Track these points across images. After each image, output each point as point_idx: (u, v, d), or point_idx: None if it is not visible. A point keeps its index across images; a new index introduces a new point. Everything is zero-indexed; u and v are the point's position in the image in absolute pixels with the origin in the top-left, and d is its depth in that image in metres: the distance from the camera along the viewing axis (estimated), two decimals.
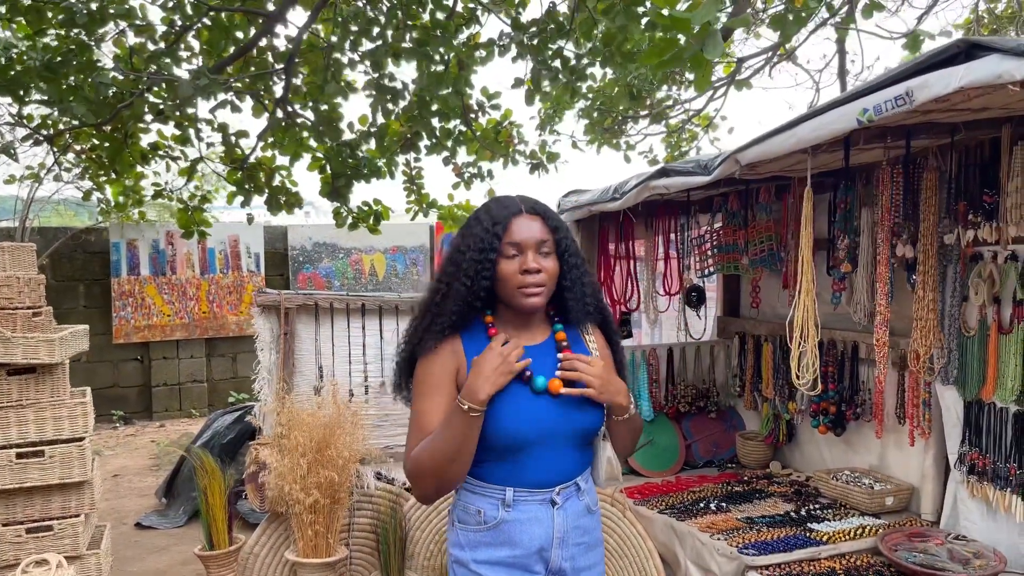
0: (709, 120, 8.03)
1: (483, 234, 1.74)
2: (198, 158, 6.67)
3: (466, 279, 1.73)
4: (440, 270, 1.82)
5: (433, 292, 1.80)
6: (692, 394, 3.97)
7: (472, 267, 1.73)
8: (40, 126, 6.37)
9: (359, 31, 5.94)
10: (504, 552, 1.76)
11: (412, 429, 1.74)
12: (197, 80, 5.15)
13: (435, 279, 1.83)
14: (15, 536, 3.16)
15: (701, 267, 3.91)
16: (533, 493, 1.75)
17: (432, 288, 1.81)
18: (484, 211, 1.80)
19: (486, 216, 1.77)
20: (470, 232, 1.78)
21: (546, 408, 1.73)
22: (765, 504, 3.22)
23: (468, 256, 1.74)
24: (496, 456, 1.73)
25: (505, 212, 1.75)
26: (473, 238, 1.75)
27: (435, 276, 1.83)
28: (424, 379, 1.76)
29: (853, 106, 1.93)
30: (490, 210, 1.79)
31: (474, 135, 6.47)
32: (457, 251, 1.78)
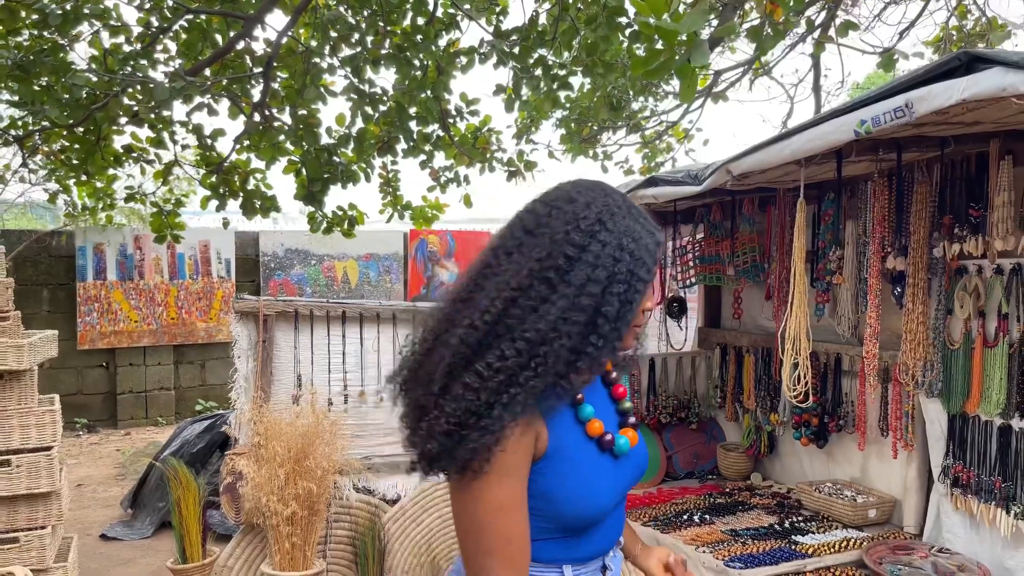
0: (685, 132, 8.07)
1: (648, 253, 1.29)
2: (173, 161, 6.55)
3: (629, 318, 1.27)
4: (586, 297, 1.22)
5: (584, 329, 1.22)
6: (673, 405, 3.96)
7: (636, 300, 1.27)
8: (9, 126, 6.22)
9: (339, 36, 5.89)
10: None
11: (502, 559, 1.22)
12: (174, 82, 5.07)
13: (571, 307, 1.21)
14: None
15: (683, 278, 3.91)
16: (588, 565, 1.44)
17: (575, 321, 1.21)
18: (634, 214, 1.31)
19: (644, 225, 1.31)
20: (627, 247, 1.26)
21: (623, 471, 1.43)
22: (748, 516, 3.21)
23: (636, 285, 1.26)
24: (558, 534, 1.37)
25: (653, 222, 1.34)
26: (635, 259, 1.26)
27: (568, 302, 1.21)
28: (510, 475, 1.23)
29: (851, 117, 1.93)
30: (640, 214, 1.32)
31: (452, 140, 6.43)
32: (617, 274, 1.24)
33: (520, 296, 1.22)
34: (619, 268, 1.24)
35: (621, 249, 1.25)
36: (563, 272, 1.22)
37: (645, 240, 1.28)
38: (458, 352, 1.22)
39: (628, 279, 1.24)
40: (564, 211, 1.27)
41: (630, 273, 1.25)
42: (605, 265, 1.23)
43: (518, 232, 1.29)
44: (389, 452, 3.81)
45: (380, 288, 9.99)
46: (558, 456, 1.30)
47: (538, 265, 1.22)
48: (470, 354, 1.21)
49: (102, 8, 5.87)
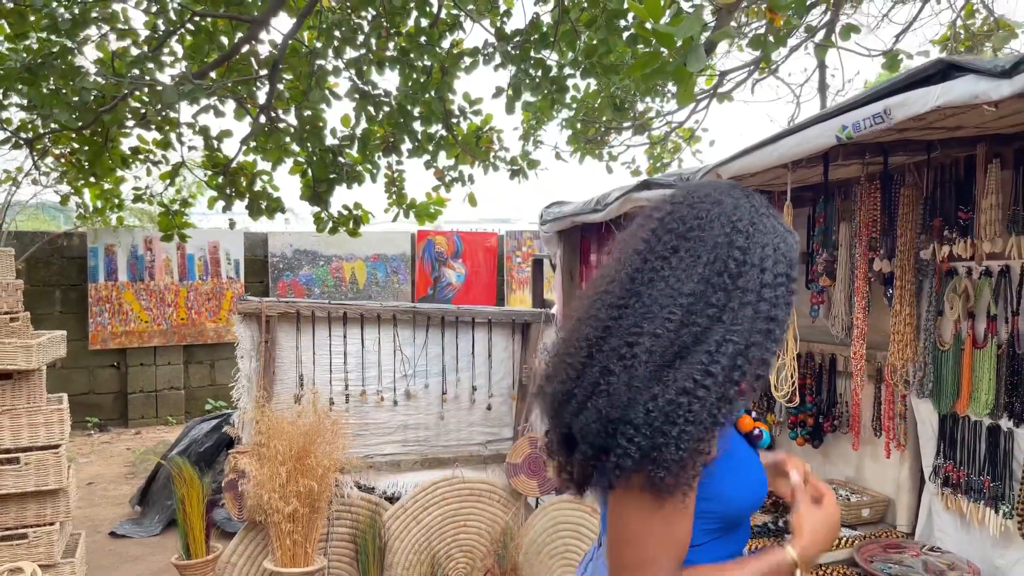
0: (691, 132, 8.10)
1: (796, 251, 1.29)
2: (180, 162, 6.64)
3: (788, 313, 1.26)
4: (766, 301, 1.21)
5: (767, 331, 1.22)
6: None
7: (793, 292, 1.27)
8: (19, 129, 6.31)
9: (343, 39, 5.95)
10: None
11: (667, 542, 1.20)
12: (180, 85, 5.13)
13: (757, 308, 1.21)
14: None
15: None
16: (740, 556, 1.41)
17: (761, 327, 1.21)
18: (782, 220, 1.31)
19: (789, 228, 1.31)
20: (782, 246, 1.26)
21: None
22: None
23: (792, 285, 1.26)
24: (721, 533, 1.34)
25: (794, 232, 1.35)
26: (789, 259, 1.26)
27: (753, 302, 1.21)
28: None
29: (833, 123, 1.96)
30: (784, 222, 1.32)
31: (455, 140, 6.49)
32: (787, 275, 1.25)
33: (696, 303, 1.19)
34: (779, 270, 1.24)
35: (776, 250, 1.24)
36: (735, 277, 1.20)
37: (790, 240, 1.28)
38: (642, 363, 1.17)
39: (786, 282, 1.24)
40: (715, 213, 1.24)
41: (786, 276, 1.25)
42: (768, 268, 1.22)
43: (665, 235, 1.25)
44: (389, 451, 3.86)
45: (388, 289, 10.06)
46: (727, 456, 1.28)
47: (708, 271, 1.20)
48: (656, 366, 1.17)
49: (110, 12, 5.96)
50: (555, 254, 3.99)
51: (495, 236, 10.62)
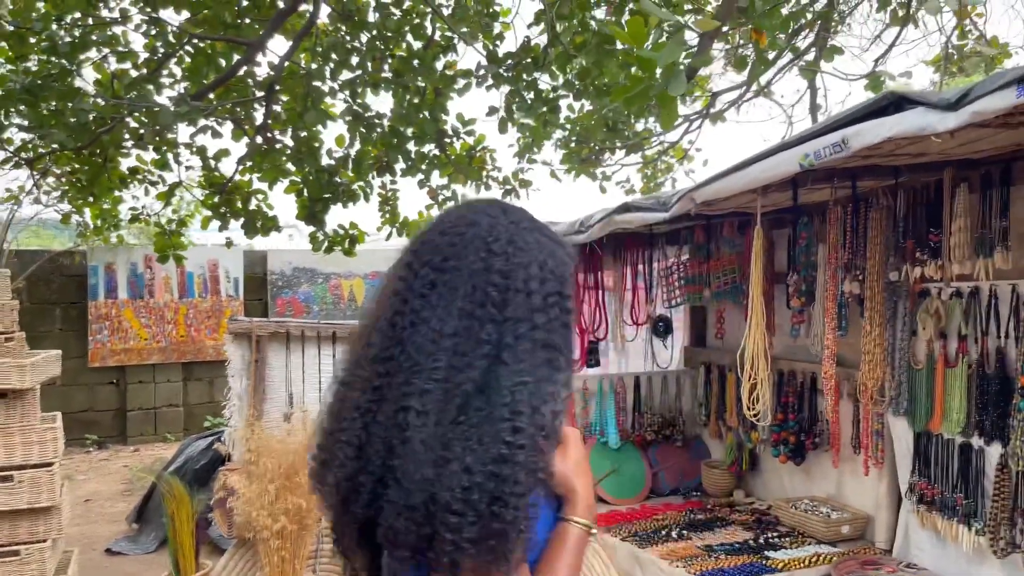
0: (684, 152, 8.17)
1: (569, 265, 1.19)
2: (177, 182, 6.72)
3: (568, 335, 1.16)
4: (520, 322, 1.08)
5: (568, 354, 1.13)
6: (659, 423, 4.04)
7: (569, 312, 1.16)
8: (20, 149, 6.40)
9: (338, 61, 6.05)
10: None
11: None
12: (178, 107, 5.22)
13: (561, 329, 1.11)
14: None
15: (669, 298, 4.01)
16: None
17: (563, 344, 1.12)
18: (549, 232, 1.20)
19: (560, 239, 1.21)
20: (548, 253, 1.15)
21: None
22: (725, 532, 3.28)
23: (566, 293, 1.15)
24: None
25: (568, 242, 1.25)
26: (562, 267, 1.17)
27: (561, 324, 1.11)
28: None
29: (796, 151, 2.03)
30: (554, 233, 1.22)
31: (448, 159, 6.57)
32: (544, 282, 1.12)
33: (462, 342, 1.05)
34: (548, 289, 1.11)
35: (542, 268, 1.12)
36: (500, 306, 1.06)
37: (560, 254, 1.17)
38: (422, 428, 1.00)
39: (558, 300, 1.12)
40: (469, 237, 1.12)
41: (558, 294, 1.12)
42: (536, 290, 1.10)
43: (422, 270, 1.11)
44: None
45: None
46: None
47: (468, 304, 1.06)
48: (433, 425, 1.00)
49: (109, 35, 6.06)
50: None
51: None
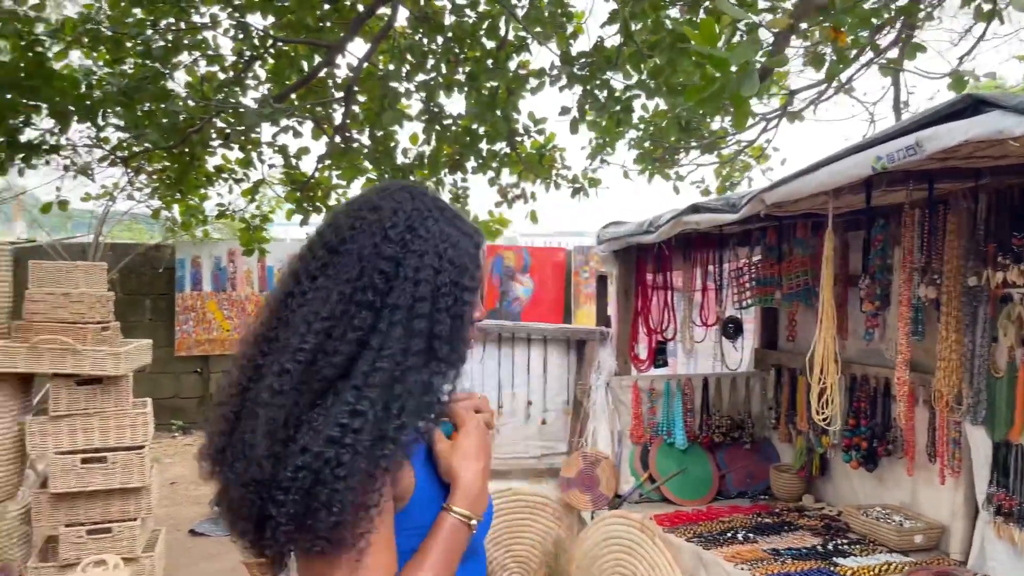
0: (761, 151, 8.04)
1: (471, 258, 1.18)
2: (260, 180, 6.99)
3: (458, 326, 1.15)
4: (418, 318, 1.09)
5: (427, 351, 1.10)
6: (727, 425, 4.02)
7: (472, 307, 1.18)
8: (116, 148, 6.75)
9: (414, 63, 6.18)
10: None
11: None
12: (262, 108, 5.43)
13: (408, 327, 1.08)
14: (77, 537, 3.38)
15: (739, 299, 3.97)
16: None
17: (417, 346, 1.09)
18: (458, 221, 1.20)
19: (461, 227, 1.20)
20: (446, 251, 1.14)
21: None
22: (793, 537, 3.25)
23: (465, 295, 1.16)
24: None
25: (479, 232, 1.25)
26: (464, 256, 1.16)
27: (402, 322, 1.08)
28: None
29: (868, 154, 2.01)
30: (454, 214, 1.21)
31: (519, 158, 6.64)
32: (441, 283, 1.13)
33: (335, 326, 1.05)
34: (442, 280, 1.12)
35: (440, 258, 1.13)
36: (383, 293, 1.08)
37: (464, 244, 1.16)
38: (275, 407, 1.03)
39: (453, 291, 1.13)
40: (369, 221, 1.12)
41: (454, 284, 1.13)
42: (427, 279, 1.10)
43: (320, 251, 1.12)
44: None
45: None
46: (427, 484, 1.16)
47: (350, 288, 1.07)
48: (291, 406, 1.02)
49: (200, 39, 6.34)
50: (611, 273, 4.08)
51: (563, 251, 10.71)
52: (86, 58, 6.50)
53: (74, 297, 3.38)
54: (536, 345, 4.14)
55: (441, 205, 1.19)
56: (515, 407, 4.10)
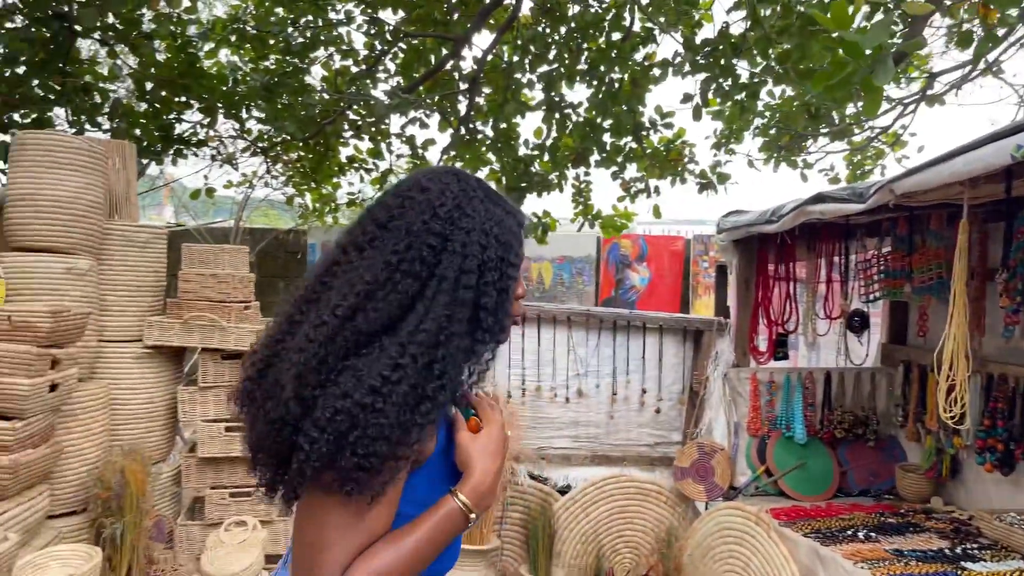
0: (896, 137, 7.66)
1: (513, 236, 1.24)
2: (388, 169, 7.26)
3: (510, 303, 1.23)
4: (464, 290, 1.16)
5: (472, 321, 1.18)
6: (850, 420, 3.90)
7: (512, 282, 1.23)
8: (256, 139, 7.19)
9: (537, 54, 6.25)
10: None
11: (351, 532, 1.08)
12: (392, 100, 5.65)
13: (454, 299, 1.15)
14: (220, 499, 3.66)
15: (866, 292, 3.84)
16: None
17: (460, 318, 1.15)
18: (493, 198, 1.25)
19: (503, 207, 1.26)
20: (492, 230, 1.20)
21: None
22: (918, 538, 3.13)
23: (507, 271, 1.21)
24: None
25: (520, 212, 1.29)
26: (502, 244, 1.21)
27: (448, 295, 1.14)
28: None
29: (1007, 142, 1.92)
30: (500, 197, 1.28)
31: (644, 152, 6.60)
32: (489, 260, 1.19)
33: (378, 290, 1.12)
34: (488, 255, 1.18)
35: (486, 235, 1.19)
36: (431, 265, 1.15)
37: (508, 223, 1.23)
38: (308, 353, 1.10)
39: (499, 266, 1.19)
40: (418, 200, 1.19)
41: (500, 260, 1.20)
42: (474, 254, 1.17)
43: (369, 227, 1.20)
44: (561, 445, 4.08)
45: (573, 289, 10.32)
46: (438, 461, 1.21)
47: (396, 258, 1.14)
48: (323, 354, 1.10)
49: (336, 35, 6.65)
50: (731, 263, 4.03)
51: (682, 240, 10.55)
52: (231, 55, 6.95)
53: (221, 278, 3.65)
54: (652, 334, 4.15)
55: (485, 187, 1.25)
56: (629, 395, 4.13)
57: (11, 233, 3.12)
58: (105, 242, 3.42)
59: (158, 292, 3.70)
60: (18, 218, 3.09)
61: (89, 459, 3.18)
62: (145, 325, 3.53)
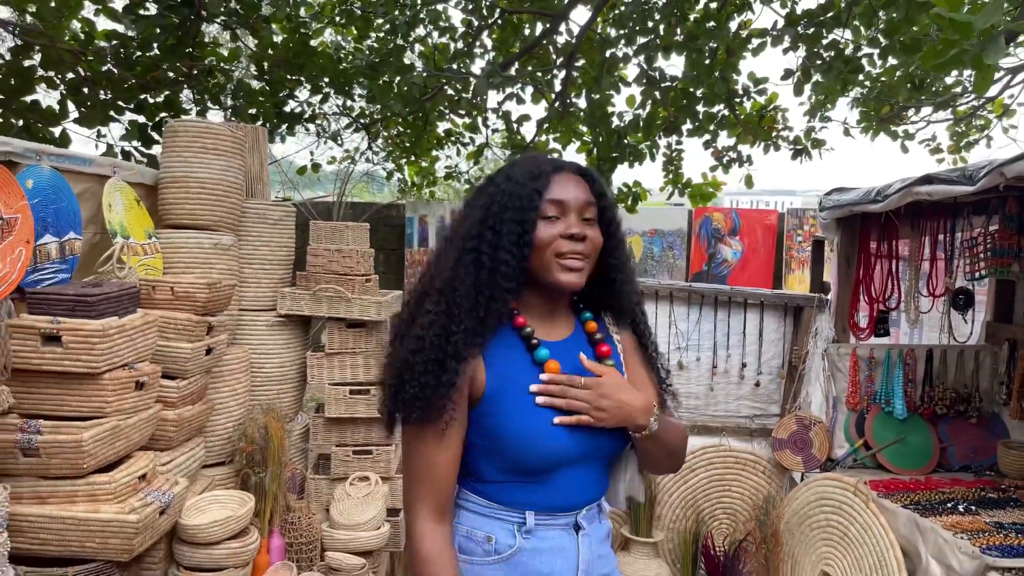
0: (1004, 107, 7.41)
1: (519, 190, 1.41)
2: (484, 143, 7.47)
3: (513, 248, 1.39)
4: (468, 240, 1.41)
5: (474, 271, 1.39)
6: (951, 397, 3.94)
7: (515, 232, 1.39)
8: (359, 116, 7.49)
9: (634, 27, 6.31)
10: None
11: (423, 463, 1.41)
12: (490, 76, 5.83)
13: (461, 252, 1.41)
14: (344, 456, 3.97)
15: (972, 269, 3.85)
16: (556, 517, 1.46)
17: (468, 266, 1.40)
18: (517, 166, 1.47)
19: (521, 171, 1.44)
20: (499, 191, 1.43)
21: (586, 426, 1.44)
22: (1019, 512, 3.19)
23: (508, 217, 1.39)
24: (516, 477, 1.44)
25: (546, 167, 1.45)
26: (506, 196, 1.41)
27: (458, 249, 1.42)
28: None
29: None
30: (525, 165, 1.46)
31: (737, 119, 6.60)
32: (489, 214, 1.41)
33: (434, 260, 1.47)
34: (493, 203, 1.42)
35: (496, 186, 1.44)
36: (456, 229, 1.47)
37: (518, 175, 1.43)
38: (394, 325, 1.48)
39: (501, 211, 1.40)
40: (483, 188, 1.51)
41: (503, 206, 1.41)
42: (482, 205, 1.43)
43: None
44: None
45: (663, 263, 10.36)
46: (501, 396, 1.41)
47: (448, 231, 1.49)
48: (401, 324, 1.47)
49: (436, 12, 6.86)
50: (833, 240, 4.08)
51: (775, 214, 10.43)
52: (336, 34, 7.25)
53: (345, 252, 3.93)
54: (752, 309, 4.25)
55: (522, 159, 1.51)
56: (729, 368, 4.26)
57: (165, 212, 3.45)
58: (243, 219, 3.74)
59: (288, 265, 4.00)
60: (172, 198, 3.41)
61: (234, 416, 3.52)
62: (278, 296, 3.85)
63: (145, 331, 2.58)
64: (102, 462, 2.35)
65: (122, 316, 2.46)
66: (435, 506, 1.40)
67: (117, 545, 2.28)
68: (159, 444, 2.83)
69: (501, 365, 1.43)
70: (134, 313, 2.58)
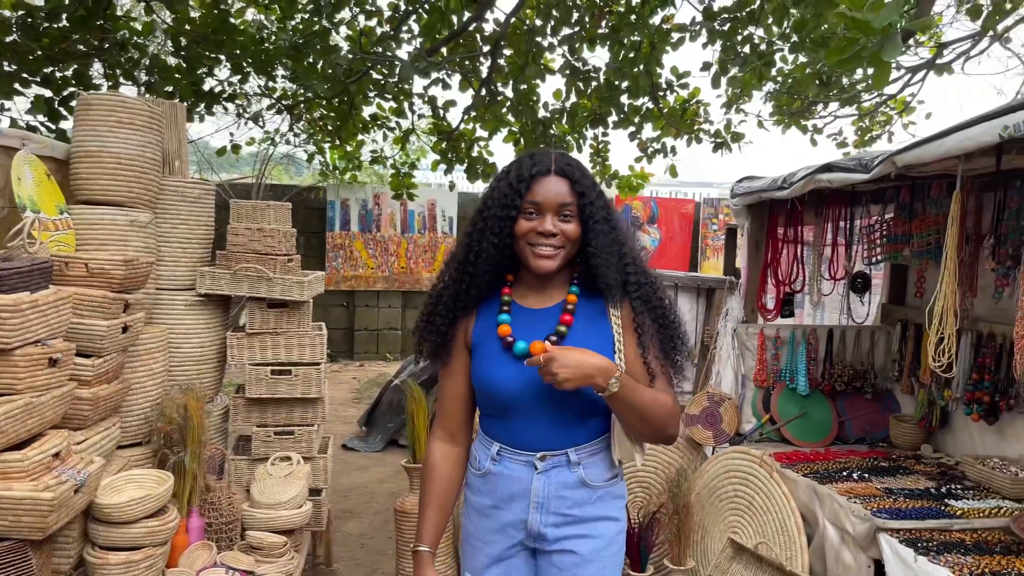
0: (904, 104, 7.83)
1: (507, 190, 1.74)
2: (410, 129, 7.47)
3: (492, 236, 1.75)
4: (470, 227, 1.82)
5: (466, 250, 1.80)
6: (849, 374, 4.18)
7: (497, 224, 1.74)
8: (281, 97, 7.38)
9: (559, 17, 6.41)
10: (486, 500, 1.87)
11: (442, 391, 1.94)
12: (416, 61, 5.83)
13: (465, 237, 1.82)
14: (266, 436, 3.97)
15: (869, 255, 4.10)
16: (518, 453, 1.82)
17: (463, 245, 1.82)
18: (513, 166, 1.79)
19: (513, 172, 1.76)
20: (497, 188, 1.78)
21: (529, 374, 1.72)
22: (907, 479, 3.43)
23: (493, 212, 1.75)
24: (489, 412, 1.86)
25: (532, 170, 1.73)
26: (499, 193, 1.76)
27: (465, 233, 1.83)
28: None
29: (996, 122, 2.16)
30: (519, 167, 1.77)
31: (661, 112, 6.79)
32: (485, 207, 1.78)
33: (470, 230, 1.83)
34: (489, 198, 1.79)
35: (497, 182, 1.79)
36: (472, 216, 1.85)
37: (512, 175, 1.76)
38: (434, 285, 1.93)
39: (491, 206, 1.76)
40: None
41: (486, 206, 1.78)
42: (484, 198, 1.82)
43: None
44: None
45: None
46: (478, 347, 1.85)
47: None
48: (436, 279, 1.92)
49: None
50: (743, 226, 4.27)
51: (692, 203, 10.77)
52: (259, 14, 7.12)
53: (267, 232, 3.91)
54: (667, 291, 4.41)
55: (522, 158, 1.81)
56: None
57: (78, 187, 3.36)
58: (160, 197, 3.67)
59: (207, 244, 3.95)
60: (85, 173, 3.33)
61: (151, 396, 3.47)
62: (197, 275, 3.80)
63: (59, 307, 2.54)
64: (13, 440, 2.31)
65: (34, 291, 2.42)
66: (445, 427, 1.92)
67: (30, 523, 2.24)
68: (73, 423, 2.78)
69: (484, 322, 1.85)
70: (46, 289, 2.53)
